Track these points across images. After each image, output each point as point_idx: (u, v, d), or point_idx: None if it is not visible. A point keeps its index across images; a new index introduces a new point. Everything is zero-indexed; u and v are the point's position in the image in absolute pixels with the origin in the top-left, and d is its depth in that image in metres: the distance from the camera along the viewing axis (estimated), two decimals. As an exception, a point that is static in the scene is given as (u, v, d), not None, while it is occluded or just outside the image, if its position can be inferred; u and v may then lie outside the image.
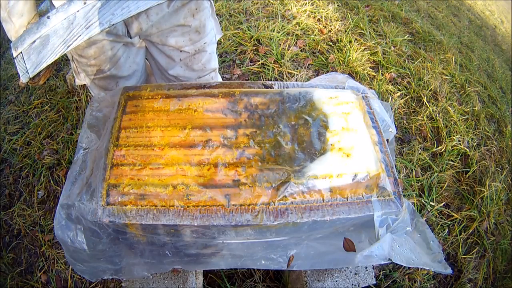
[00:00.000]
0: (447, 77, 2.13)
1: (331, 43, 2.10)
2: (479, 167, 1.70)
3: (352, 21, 2.23)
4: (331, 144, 0.84)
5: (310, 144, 0.84)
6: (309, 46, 2.04)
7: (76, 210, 0.76)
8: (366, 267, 1.10)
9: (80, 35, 0.67)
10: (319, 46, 2.03)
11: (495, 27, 3.62)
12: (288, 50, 1.97)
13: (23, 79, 0.73)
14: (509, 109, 2.20)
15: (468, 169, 1.68)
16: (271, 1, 2.32)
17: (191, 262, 0.90)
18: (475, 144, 1.81)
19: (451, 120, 1.86)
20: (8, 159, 1.57)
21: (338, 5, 2.38)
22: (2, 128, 1.67)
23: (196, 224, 0.73)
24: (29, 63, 0.68)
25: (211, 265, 0.92)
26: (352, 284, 1.07)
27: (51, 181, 1.48)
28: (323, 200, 0.76)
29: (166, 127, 0.86)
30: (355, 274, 1.09)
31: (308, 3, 2.34)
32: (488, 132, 1.91)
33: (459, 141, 1.77)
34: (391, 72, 1.99)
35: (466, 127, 1.87)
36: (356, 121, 0.89)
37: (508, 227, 1.56)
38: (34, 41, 0.66)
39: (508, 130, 1.99)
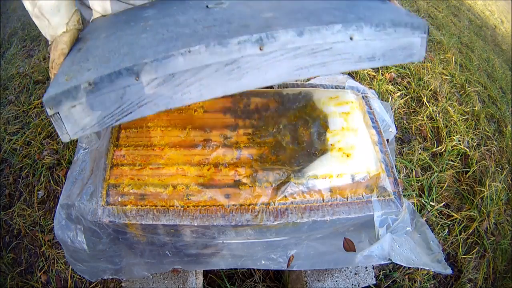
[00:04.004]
0: (447, 77, 2.13)
1: (331, 43, 2.09)
2: (479, 167, 1.70)
3: (352, 21, 2.22)
4: (331, 144, 0.84)
5: (310, 144, 0.84)
6: (309, 46, 2.04)
7: (76, 210, 0.76)
8: (366, 267, 1.10)
9: (131, 112, 0.59)
10: (319, 46, 2.03)
11: (495, 27, 3.62)
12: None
13: (63, 139, 0.61)
14: (509, 109, 2.20)
15: (468, 169, 1.68)
16: (271, 1, 2.31)
17: (191, 262, 0.90)
18: (475, 144, 1.81)
19: (451, 120, 1.86)
20: (8, 159, 1.57)
21: (338, 5, 2.38)
22: (2, 128, 1.67)
23: (196, 224, 0.73)
24: (69, 125, 0.58)
25: (211, 265, 0.92)
26: (352, 284, 1.07)
27: (51, 181, 1.47)
28: (323, 200, 0.76)
29: (166, 127, 0.86)
30: (355, 274, 1.09)
31: (308, 3, 2.33)
32: (488, 132, 1.91)
33: (459, 141, 1.77)
34: (391, 72, 1.99)
35: (466, 127, 1.87)
36: (356, 121, 0.89)
37: (508, 227, 1.55)
38: (75, 106, 0.56)
39: (508, 130, 1.99)
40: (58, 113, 0.56)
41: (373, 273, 1.11)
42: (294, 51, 0.59)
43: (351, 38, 0.61)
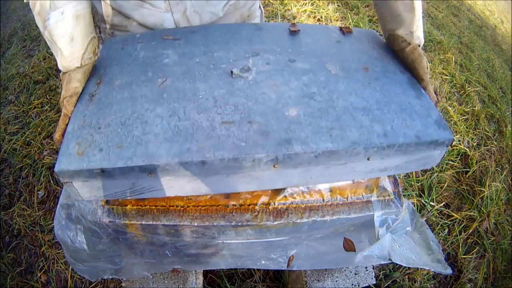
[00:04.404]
0: (447, 77, 2.13)
1: (331, 43, 2.09)
2: (479, 167, 1.70)
3: (352, 21, 2.23)
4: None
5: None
6: (309, 46, 2.04)
7: (76, 210, 0.75)
8: (366, 267, 1.10)
9: (142, 193, 0.61)
10: (319, 46, 2.03)
11: (495, 27, 3.62)
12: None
13: (77, 199, 0.63)
14: (509, 109, 2.20)
15: (468, 169, 1.68)
16: (271, 1, 2.32)
17: (191, 262, 0.90)
18: (475, 144, 1.81)
19: (451, 120, 1.86)
20: (8, 159, 1.57)
21: (338, 5, 2.38)
22: (2, 128, 1.67)
23: (196, 224, 0.73)
24: (81, 191, 0.60)
25: (211, 265, 0.92)
26: (352, 284, 1.07)
27: (51, 181, 1.48)
28: (323, 200, 0.76)
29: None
30: (355, 274, 1.09)
31: (308, 3, 2.34)
32: (488, 132, 1.91)
33: (459, 141, 1.77)
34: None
35: (466, 127, 1.87)
36: (356, 121, 0.89)
37: (508, 227, 1.56)
38: (87, 181, 0.57)
39: (508, 130, 1.99)
40: (72, 182, 0.57)
41: (373, 273, 1.11)
42: (307, 167, 0.60)
43: (368, 159, 0.61)
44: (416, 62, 0.71)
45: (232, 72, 0.68)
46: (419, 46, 0.73)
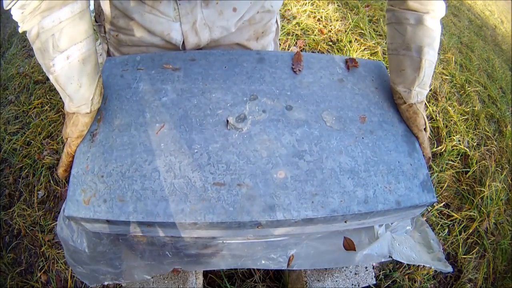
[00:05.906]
0: (447, 77, 2.13)
1: (331, 43, 2.10)
2: (479, 167, 1.70)
3: (352, 21, 2.23)
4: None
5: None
6: (309, 46, 2.04)
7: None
8: (366, 267, 1.10)
9: (142, 234, 0.69)
10: (319, 46, 2.03)
11: (495, 27, 3.62)
12: (288, 50, 1.97)
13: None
14: (509, 109, 2.20)
15: (468, 169, 1.68)
16: (271, 1, 2.31)
17: (191, 263, 0.90)
18: (475, 144, 1.81)
19: (451, 120, 1.86)
20: (8, 159, 1.57)
21: (338, 5, 2.38)
22: (2, 128, 1.67)
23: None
24: (89, 227, 0.66)
25: (211, 265, 0.92)
26: (352, 284, 1.07)
27: (51, 181, 1.48)
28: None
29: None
30: (355, 274, 1.09)
31: (308, 3, 2.34)
32: (488, 132, 1.91)
33: (459, 141, 1.77)
34: (391, 72, 1.98)
35: (466, 127, 1.87)
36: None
37: (508, 227, 1.56)
38: (94, 223, 0.65)
39: (508, 130, 1.99)
40: (80, 222, 0.64)
41: (373, 273, 1.11)
42: (288, 227, 0.64)
43: (345, 222, 0.64)
44: (411, 120, 0.69)
45: (227, 121, 0.67)
46: (418, 102, 0.70)
